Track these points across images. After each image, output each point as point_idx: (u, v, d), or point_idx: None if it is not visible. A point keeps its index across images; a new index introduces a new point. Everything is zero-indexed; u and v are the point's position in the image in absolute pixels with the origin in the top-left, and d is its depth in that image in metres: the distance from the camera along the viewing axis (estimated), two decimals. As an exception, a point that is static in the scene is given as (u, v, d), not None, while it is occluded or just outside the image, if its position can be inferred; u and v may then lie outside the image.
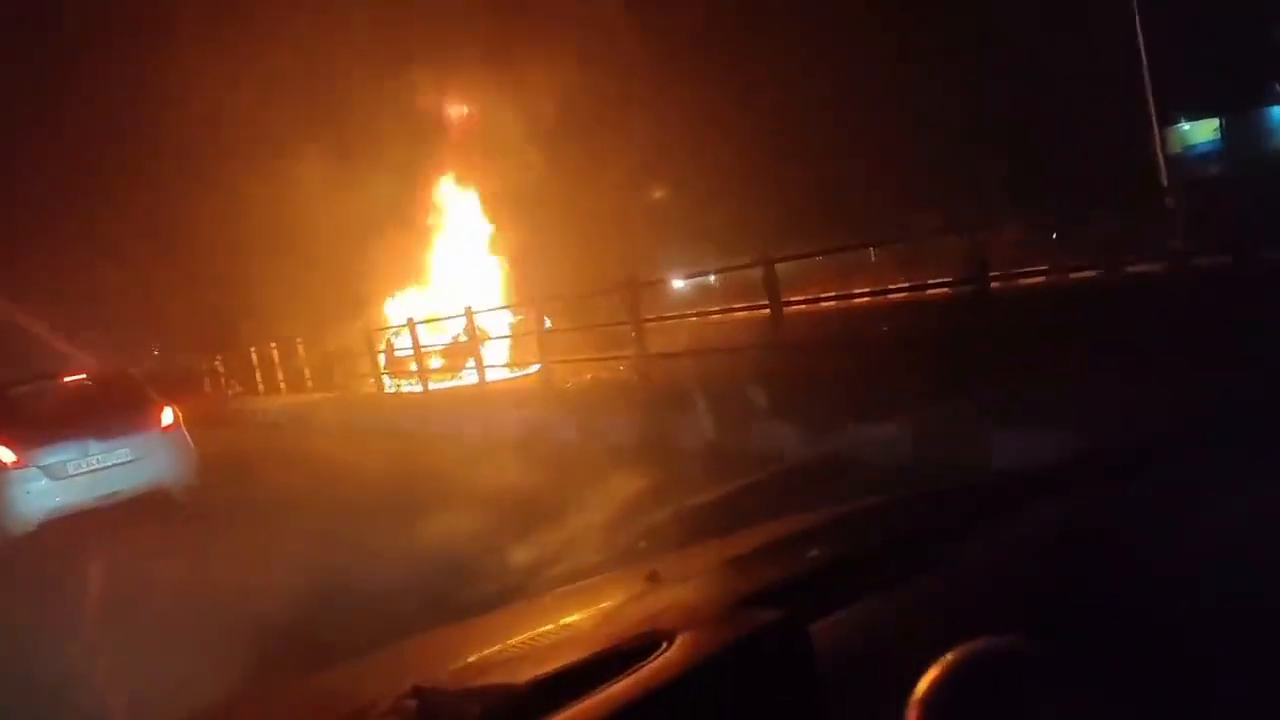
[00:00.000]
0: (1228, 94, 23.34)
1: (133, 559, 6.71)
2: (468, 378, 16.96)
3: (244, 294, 22.41)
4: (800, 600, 0.90)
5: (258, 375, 21.48)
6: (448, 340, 17.80)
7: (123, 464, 8.47)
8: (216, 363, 23.47)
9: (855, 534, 1.22)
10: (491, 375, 15.19)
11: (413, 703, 0.74)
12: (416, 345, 15.42)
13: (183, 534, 7.95)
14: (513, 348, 17.64)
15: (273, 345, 20.37)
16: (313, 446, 12.82)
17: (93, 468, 8.33)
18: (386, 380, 18.32)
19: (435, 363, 17.85)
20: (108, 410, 8.87)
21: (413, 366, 17.12)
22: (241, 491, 9.36)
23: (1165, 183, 19.61)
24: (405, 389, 17.27)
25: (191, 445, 9.20)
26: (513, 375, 16.36)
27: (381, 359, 18.20)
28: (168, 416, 9.12)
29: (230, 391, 23.02)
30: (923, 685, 0.67)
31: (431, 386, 16.88)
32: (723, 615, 0.82)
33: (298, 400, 18.29)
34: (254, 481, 9.92)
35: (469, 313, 14.79)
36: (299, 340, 19.15)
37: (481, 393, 14.11)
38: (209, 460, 9.54)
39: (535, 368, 16.20)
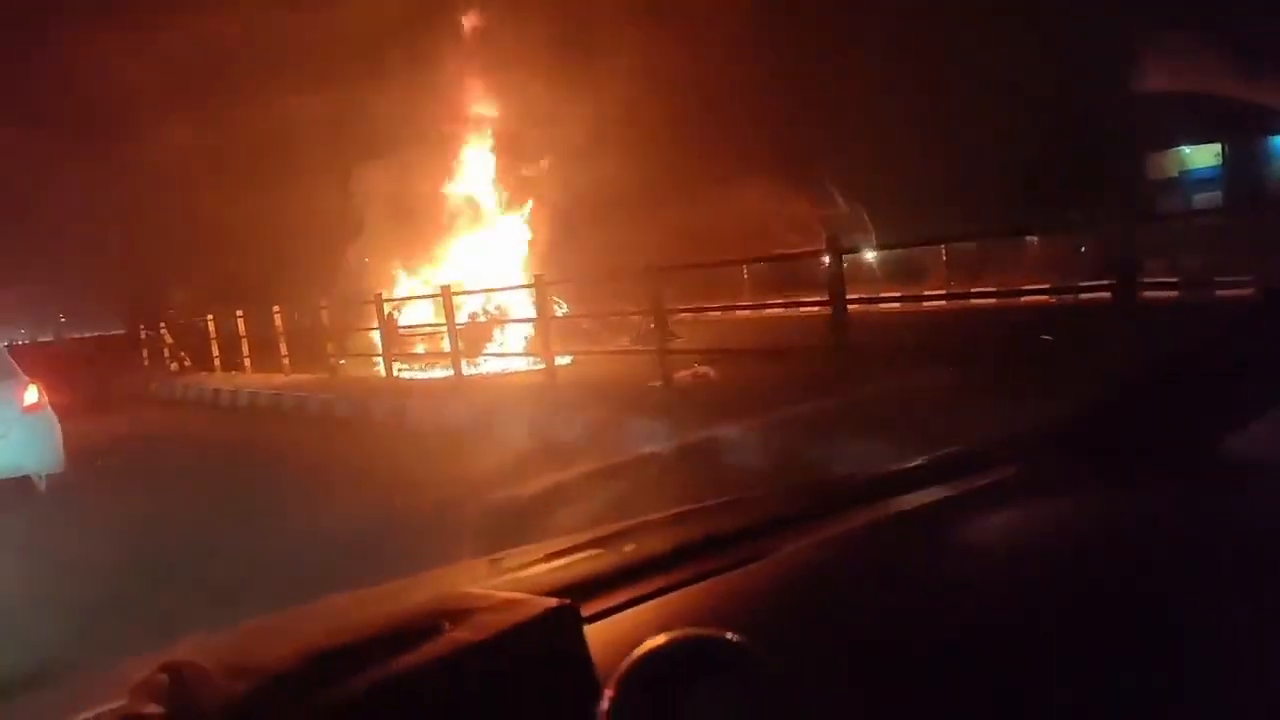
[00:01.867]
0: (1232, 120, 22.42)
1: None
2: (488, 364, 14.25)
3: (199, 251, 19.22)
4: (594, 592, 0.93)
5: (215, 348, 18.24)
6: (464, 320, 14.97)
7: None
8: (160, 331, 20.06)
9: (668, 531, 1.14)
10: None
11: (163, 677, 0.69)
12: (450, 317, 12.48)
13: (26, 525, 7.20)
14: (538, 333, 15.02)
15: (238, 313, 17.18)
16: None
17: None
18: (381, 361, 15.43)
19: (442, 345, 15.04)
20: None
21: (421, 348, 14.31)
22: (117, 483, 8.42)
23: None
24: (410, 374, 14.41)
25: (58, 428, 8.23)
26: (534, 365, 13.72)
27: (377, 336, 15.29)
28: (31, 395, 8.21)
29: (176, 365, 19.68)
30: (624, 664, 0.68)
31: (433, 373, 14.13)
32: (506, 604, 0.76)
33: (272, 381, 15.22)
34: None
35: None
36: (276, 309, 16.02)
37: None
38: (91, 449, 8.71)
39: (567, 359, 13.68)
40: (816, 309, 9.36)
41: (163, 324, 20.03)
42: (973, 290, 14.04)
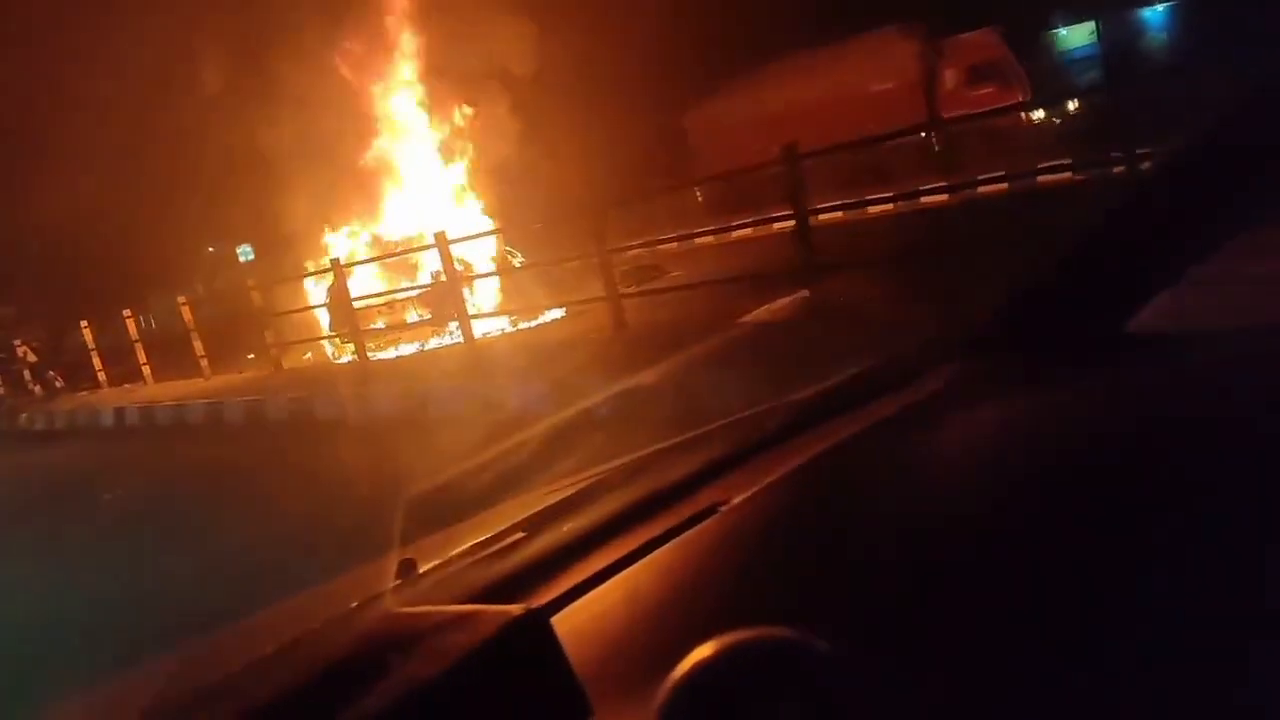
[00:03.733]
0: None
1: None
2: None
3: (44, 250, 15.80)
4: (533, 583, 0.87)
5: (96, 360, 14.91)
6: (426, 281, 12.38)
7: None
8: (19, 350, 16.41)
9: (604, 497, 1.03)
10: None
11: None
12: (452, 273, 9.87)
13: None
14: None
15: (126, 314, 13.93)
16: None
17: None
18: (330, 346, 12.67)
19: (410, 316, 12.44)
20: None
21: (380, 322, 11.66)
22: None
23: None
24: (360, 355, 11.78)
25: None
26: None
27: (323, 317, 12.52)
28: None
29: (39, 389, 16.14)
30: (683, 668, 0.55)
31: (394, 350, 11.58)
32: (455, 620, 0.64)
33: (193, 389, 12.25)
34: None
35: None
36: (182, 300, 12.88)
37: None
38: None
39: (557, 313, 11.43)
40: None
41: (18, 341, 16.39)
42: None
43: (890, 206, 10.28)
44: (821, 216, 8.60)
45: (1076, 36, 23.73)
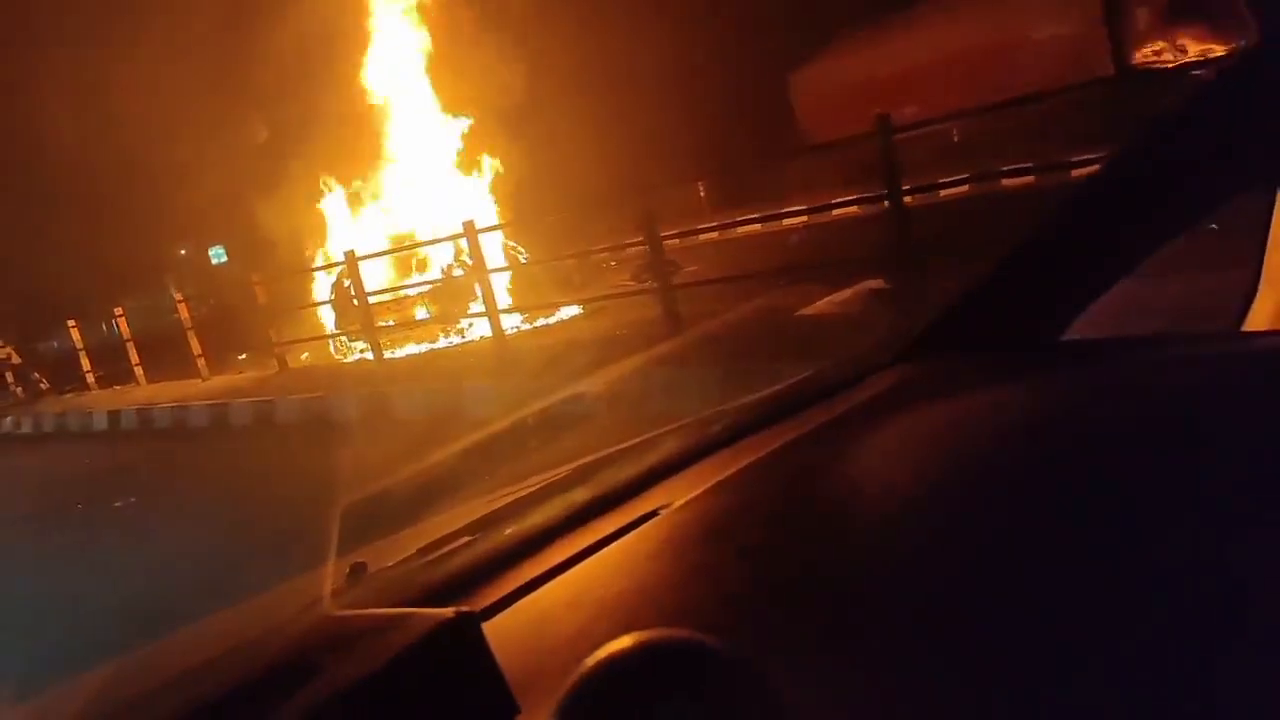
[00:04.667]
0: None
1: None
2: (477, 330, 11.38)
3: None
4: (474, 587, 0.88)
5: (84, 361, 14.32)
6: (435, 275, 11.93)
7: None
8: (1, 351, 15.75)
9: (547, 502, 1.05)
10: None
11: None
12: (480, 262, 9.36)
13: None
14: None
15: (117, 312, 13.36)
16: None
17: None
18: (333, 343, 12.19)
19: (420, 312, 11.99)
20: None
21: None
22: None
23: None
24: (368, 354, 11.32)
25: None
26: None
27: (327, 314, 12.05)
28: None
29: (20, 391, 15.48)
30: (567, 687, 0.53)
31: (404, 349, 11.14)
32: (389, 622, 0.65)
33: (192, 390, 11.74)
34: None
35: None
36: (179, 297, 12.32)
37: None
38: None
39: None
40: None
41: (0, 342, 15.73)
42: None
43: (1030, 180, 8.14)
44: (947, 192, 7.85)
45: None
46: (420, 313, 11.78)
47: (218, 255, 29.83)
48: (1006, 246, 1.17)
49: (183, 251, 32.88)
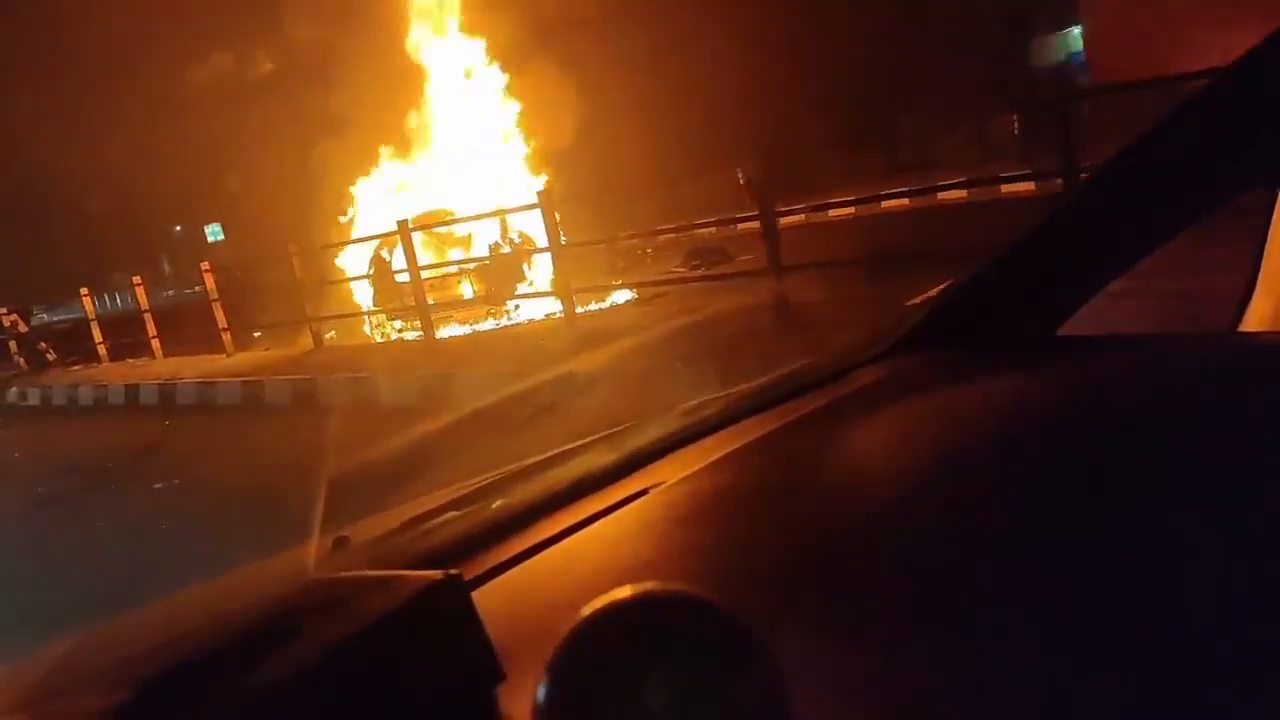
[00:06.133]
0: None
1: None
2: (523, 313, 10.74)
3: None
4: (464, 557, 0.87)
5: (96, 332, 13.59)
6: (483, 253, 11.24)
7: None
8: (7, 319, 14.97)
9: (539, 478, 1.05)
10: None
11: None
12: (554, 234, 8.63)
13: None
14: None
15: (135, 281, 12.64)
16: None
17: None
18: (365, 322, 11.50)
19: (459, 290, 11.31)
20: None
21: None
22: None
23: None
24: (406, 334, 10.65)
25: None
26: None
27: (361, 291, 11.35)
28: None
29: (23, 361, 14.72)
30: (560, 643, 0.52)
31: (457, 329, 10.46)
32: (376, 584, 0.65)
33: (216, 366, 11.05)
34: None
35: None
36: (204, 266, 11.57)
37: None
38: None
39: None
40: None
41: (4, 310, 14.95)
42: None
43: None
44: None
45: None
46: (464, 292, 11.11)
47: (214, 233, 29.12)
48: (1004, 242, 1.16)
49: (178, 228, 32.15)
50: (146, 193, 18.94)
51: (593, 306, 10.60)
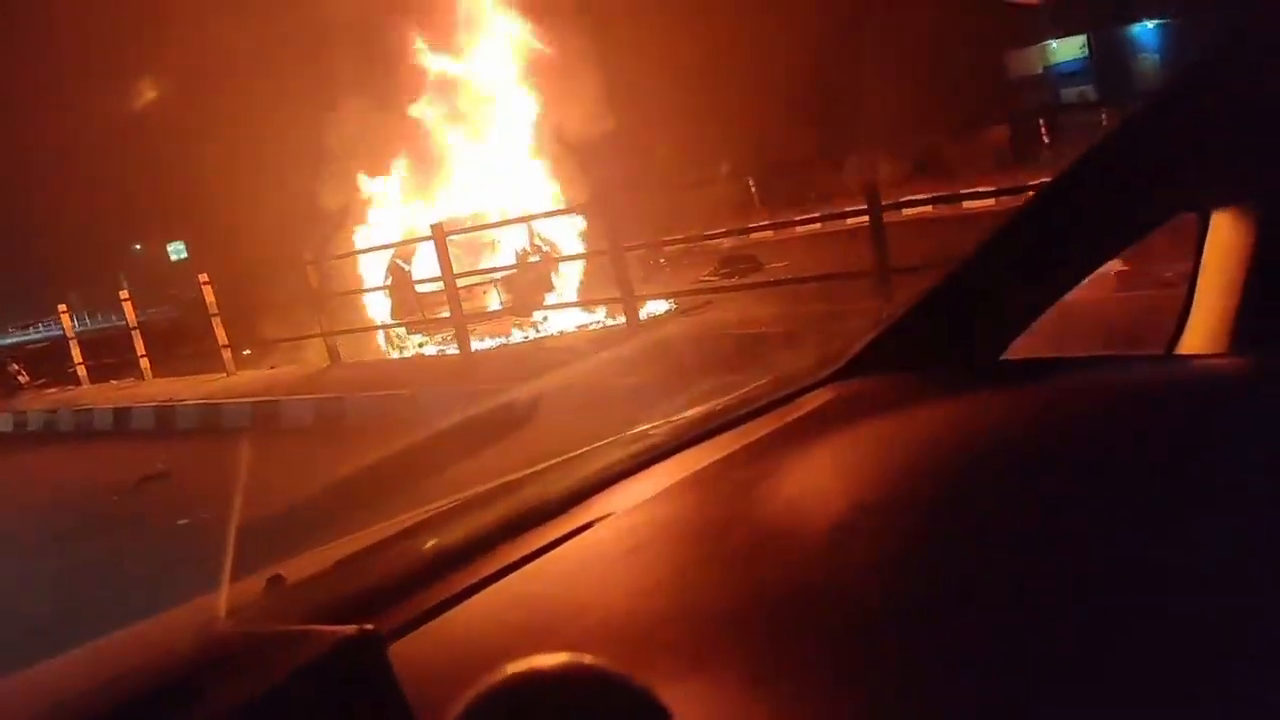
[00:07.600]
0: (1097, 10, 22.03)
1: None
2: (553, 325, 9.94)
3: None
4: (385, 605, 0.83)
5: (75, 352, 12.53)
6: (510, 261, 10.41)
7: None
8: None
9: (471, 515, 1.02)
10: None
11: None
12: (616, 246, 7.81)
13: None
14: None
15: (123, 295, 11.62)
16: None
17: None
18: (382, 337, 10.60)
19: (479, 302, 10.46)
20: None
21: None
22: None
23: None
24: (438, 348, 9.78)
25: None
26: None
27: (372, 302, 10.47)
28: None
29: (9, 382, 13.60)
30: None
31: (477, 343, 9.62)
32: (285, 640, 0.62)
33: (216, 387, 10.08)
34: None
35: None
36: (204, 278, 10.60)
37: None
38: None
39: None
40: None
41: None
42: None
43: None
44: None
45: (1066, 50, 23.42)
46: (490, 302, 10.28)
47: (177, 251, 27.90)
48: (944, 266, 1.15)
49: (137, 247, 30.94)
50: (105, 210, 17.97)
51: (620, 319, 9.85)
